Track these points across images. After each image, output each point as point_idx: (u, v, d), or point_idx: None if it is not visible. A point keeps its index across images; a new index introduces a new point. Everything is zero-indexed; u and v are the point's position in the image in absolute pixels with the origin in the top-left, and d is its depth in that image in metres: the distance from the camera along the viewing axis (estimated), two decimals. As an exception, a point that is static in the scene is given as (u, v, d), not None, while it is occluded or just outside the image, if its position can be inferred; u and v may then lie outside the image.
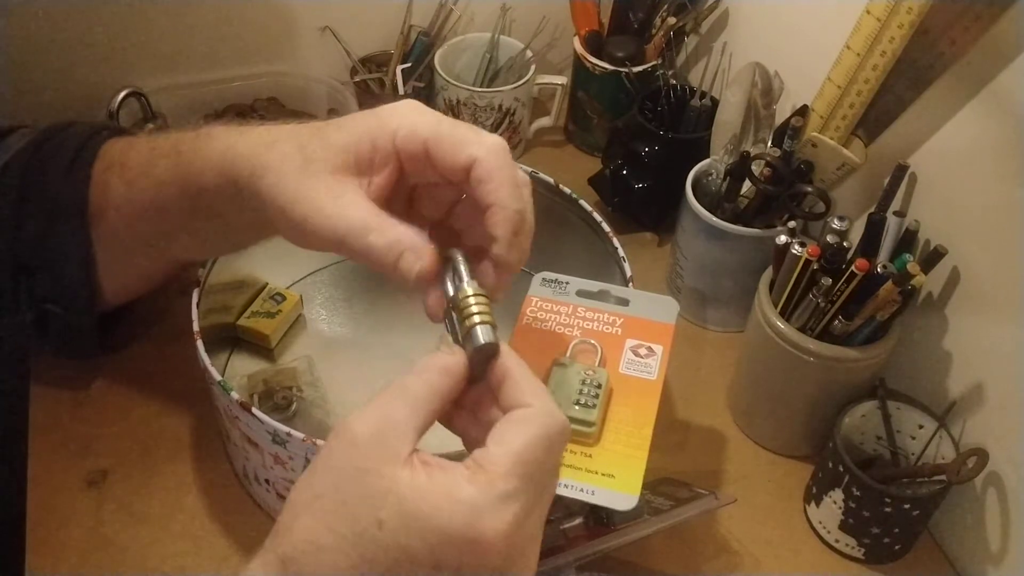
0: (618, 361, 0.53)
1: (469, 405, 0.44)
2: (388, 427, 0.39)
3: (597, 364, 0.53)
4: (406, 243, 0.44)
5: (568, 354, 0.53)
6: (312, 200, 0.46)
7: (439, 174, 0.47)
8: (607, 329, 0.55)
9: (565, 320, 0.55)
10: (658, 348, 0.54)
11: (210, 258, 0.67)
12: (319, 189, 0.46)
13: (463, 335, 0.43)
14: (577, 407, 0.49)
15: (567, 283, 0.57)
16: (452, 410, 0.43)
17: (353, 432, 0.39)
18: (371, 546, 0.37)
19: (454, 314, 0.44)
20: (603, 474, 0.48)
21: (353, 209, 0.45)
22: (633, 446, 0.49)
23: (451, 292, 0.44)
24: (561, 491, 0.48)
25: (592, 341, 0.54)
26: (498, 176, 0.44)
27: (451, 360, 0.42)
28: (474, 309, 0.43)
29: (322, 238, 0.46)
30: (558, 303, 0.56)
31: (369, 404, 0.40)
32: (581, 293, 0.57)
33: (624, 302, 0.57)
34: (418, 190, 0.50)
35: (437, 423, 0.42)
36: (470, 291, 0.43)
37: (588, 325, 0.55)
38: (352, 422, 0.39)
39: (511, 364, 0.42)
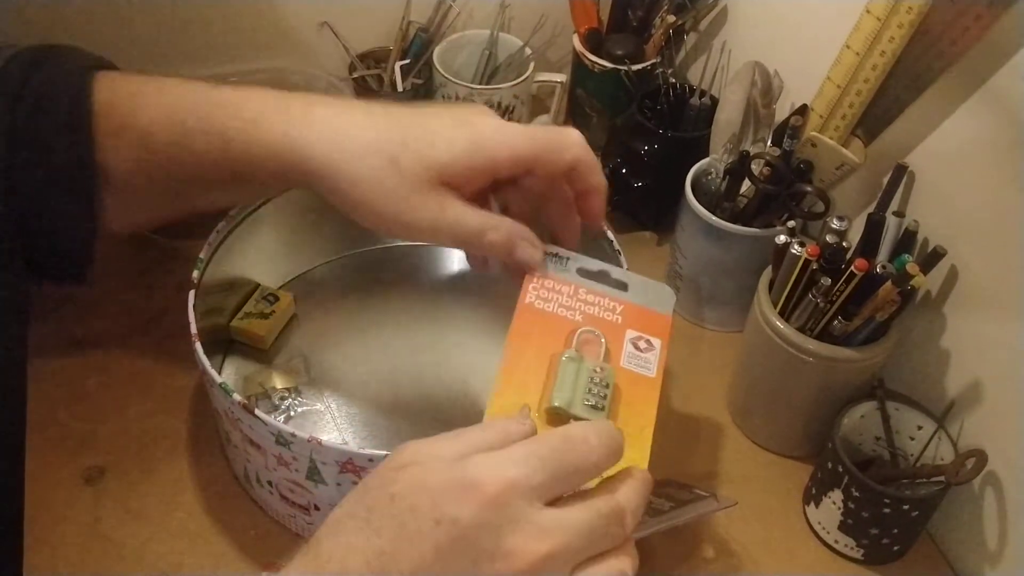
0: (619, 354, 0.53)
1: None
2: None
3: (601, 357, 0.53)
4: (519, 234, 0.53)
5: (574, 346, 0.53)
6: (420, 213, 0.51)
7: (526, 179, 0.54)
8: (607, 316, 0.54)
9: (567, 302, 0.55)
10: (656, 342, 0.54)
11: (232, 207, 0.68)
12: (426, 204, 0.51)
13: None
14: (585, 408, 0.49)
15: (568, 259, 0.56)
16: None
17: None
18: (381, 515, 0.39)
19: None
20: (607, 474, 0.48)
21: (464, 216, 0.52)
22: (635, 447, 0.49)
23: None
24: None
25: (596, 331, 0.53)
26: (594, 166, 0.54)
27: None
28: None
29: (436, 241, 0.53)
30: (560, 283, 0.55)
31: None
32: (581, 272, 0.56)
33: (623, 286, 0.56)
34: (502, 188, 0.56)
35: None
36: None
37: (589, 310, 0.55)
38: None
39: None
